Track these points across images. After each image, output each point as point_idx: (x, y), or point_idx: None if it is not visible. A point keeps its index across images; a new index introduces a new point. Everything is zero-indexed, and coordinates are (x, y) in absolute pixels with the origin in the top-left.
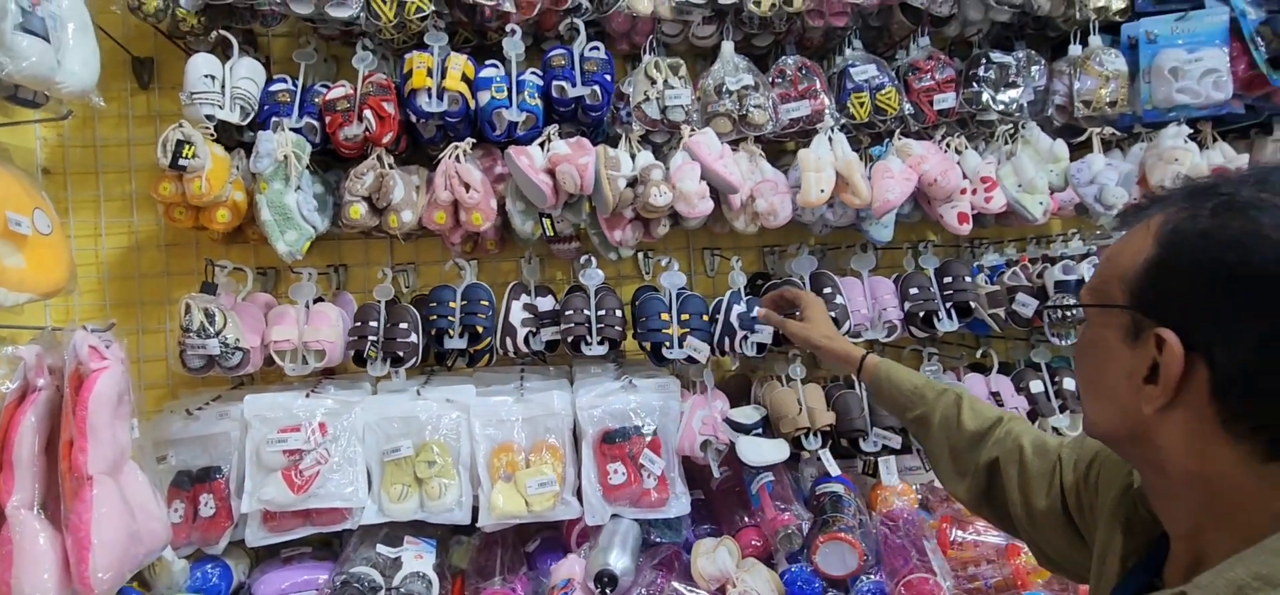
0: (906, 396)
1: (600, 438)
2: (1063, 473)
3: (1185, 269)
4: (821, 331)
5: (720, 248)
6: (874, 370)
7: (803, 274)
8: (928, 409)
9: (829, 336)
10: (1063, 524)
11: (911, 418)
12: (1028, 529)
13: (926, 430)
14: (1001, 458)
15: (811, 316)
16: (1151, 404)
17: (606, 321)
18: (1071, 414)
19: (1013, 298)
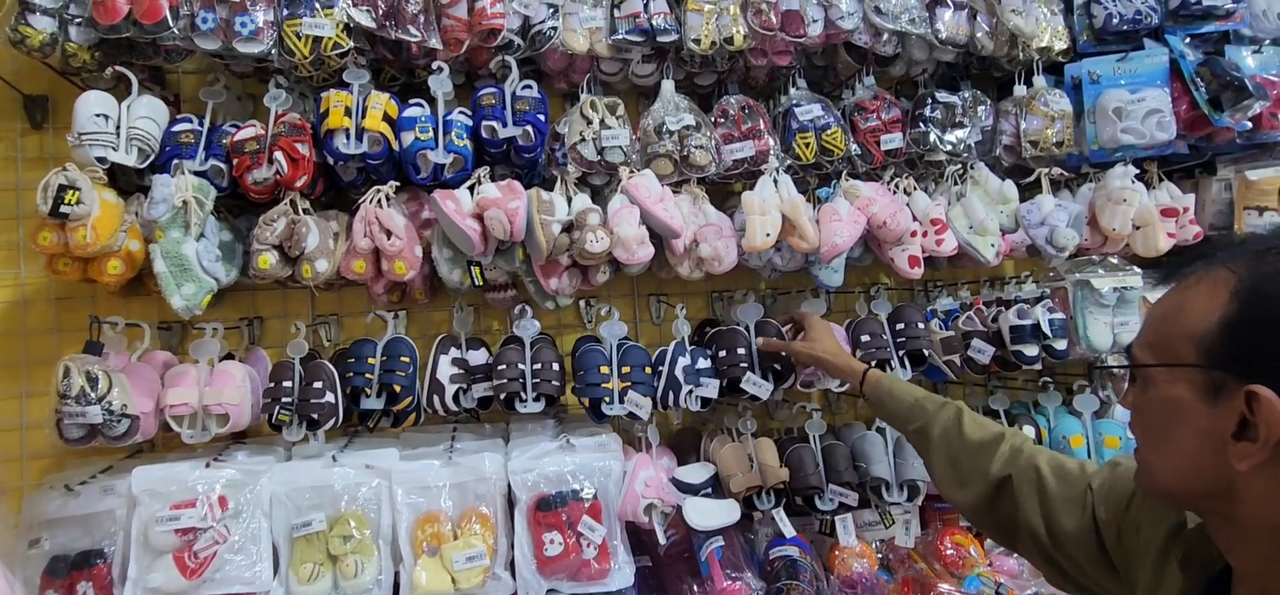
0: (908, 410)
1: (535, 504)
2: (1095, 504)
3: (1273, 325)
4: (826, 347)
5: (666, 294)
6: (876, 384)
7: (749, 322)
8: (928, 421)
9: (834, 352)
10: (1092, 550)
11: (912, 430)
12: (1047, 547)
13: (927, 441)
14: (1016, 477)
15: (815, 335)
16: (1247, 460)
17: (542, 376)
18: None
19: (968, 343)
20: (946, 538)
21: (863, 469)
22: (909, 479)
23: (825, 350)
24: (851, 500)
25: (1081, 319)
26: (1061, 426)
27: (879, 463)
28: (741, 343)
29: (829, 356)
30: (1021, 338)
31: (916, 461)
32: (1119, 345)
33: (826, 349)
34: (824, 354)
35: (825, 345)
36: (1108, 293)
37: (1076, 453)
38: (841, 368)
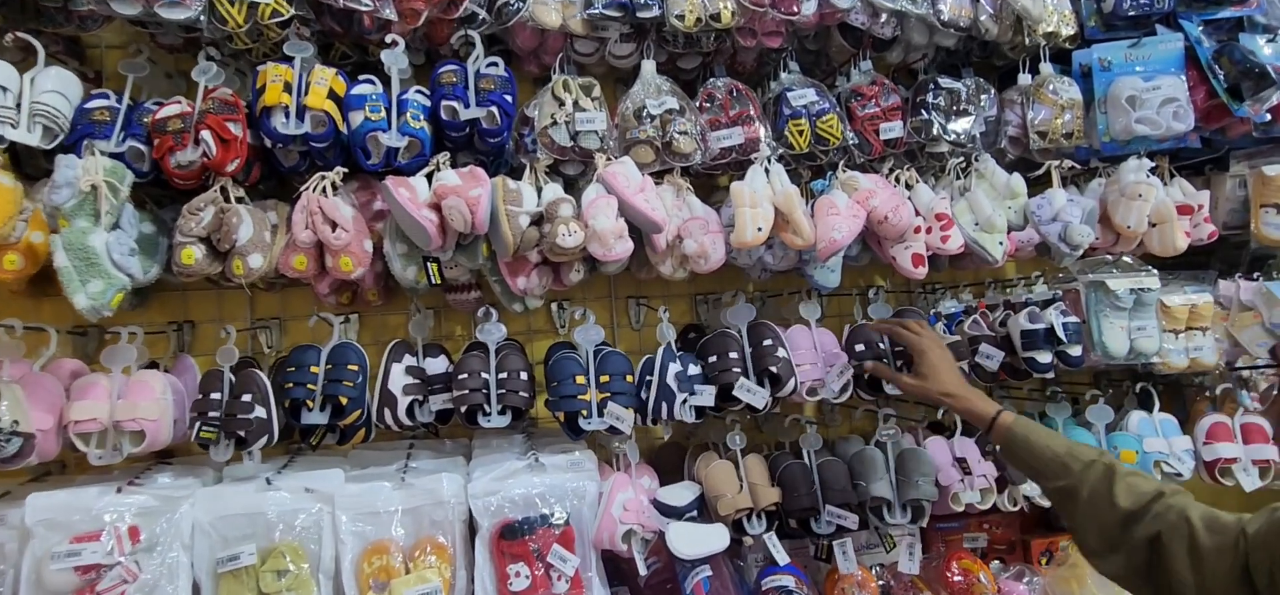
0: (1047, 465)
1: (498, 532)
2: (1249, 550)
3: None
4: (946, 382)
5: (647, 297)
6: (1008, 432)
7: (739, 325)
8: (1073, 482)
9: (954, 391)
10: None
11: (1053, 488)
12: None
13: (1072, 503)
14: (1165, 533)
15: (931, 366)
16: None
17: (509, 386)
18: None
19: (975, 349)
20: (953, 562)
21: (862, 488)
22: (912, 498)
23: (945, 387)
24: (850, 522)
25: (1095, 323)
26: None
27: (879, 481)
28: (733, 347)
29: (949, 400)
30: (1034, 343)
31: (921, 480)
32: (1136, 352)
33: (947, 384)
34: (942, 397)
35: (945, 380)
36: (1124, 295)
37: None
38: (965, 411)
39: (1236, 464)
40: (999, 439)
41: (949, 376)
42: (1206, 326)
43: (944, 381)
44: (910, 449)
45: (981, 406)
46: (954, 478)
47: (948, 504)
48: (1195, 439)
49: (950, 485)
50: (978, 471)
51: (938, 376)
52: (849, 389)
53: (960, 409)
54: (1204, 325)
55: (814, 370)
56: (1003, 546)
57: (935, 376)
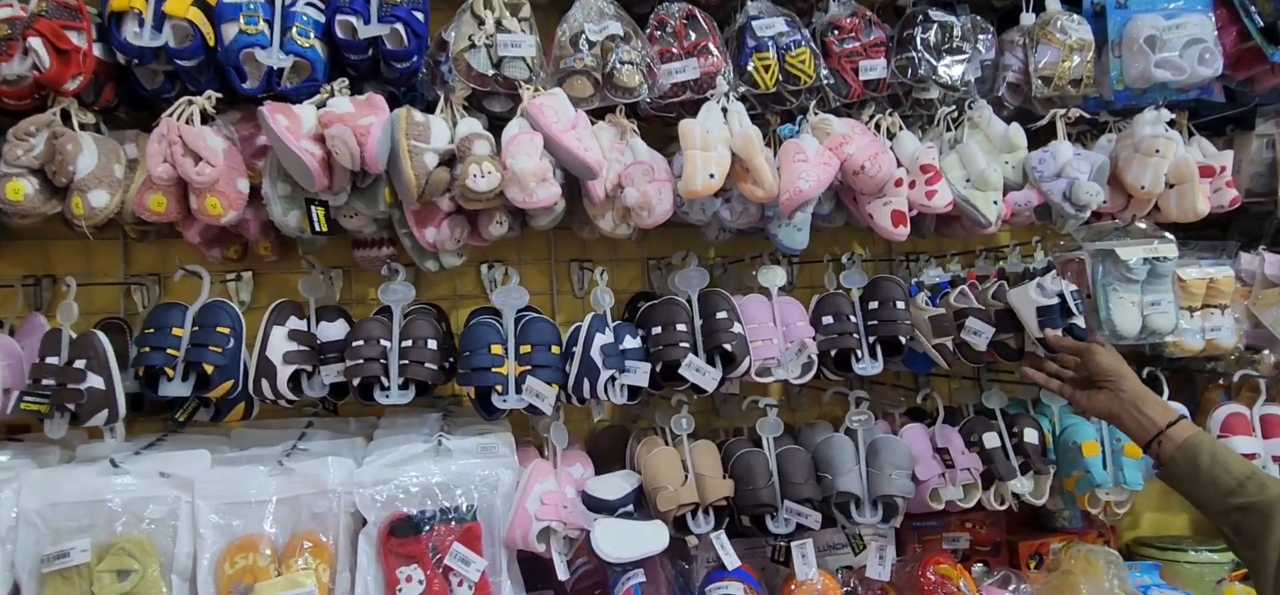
0: (1238, 481)
1: (387, 528)
2: None
3: None
4: (1131, 403)
5: (593, 261)
6: (1192, 444)
7: (691, 292)
8: (1269, 502)
9: (1138, 394)
10: None
11: (1236, 506)
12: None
13: (1264, 524)
14: None
15: (1111, 371)
16: None
17: (413, 355)
18: (1035, 475)
19: (961, 325)
20: (929, 567)
21: (827, 481)
22: (885, 494)
23: (1127, 394)
24: (812, 521)
25: (1103, 298)
26: (1071, 430)
27: (847, 474)
28: (681, 317)
29: (1134, 419)
30: (1049, 320)
31: (894, 473)
32: (1150, 331)
33: (1132, 390)
34: (1123, 407)
35: (1128, 400)
36: (1137, 265)
37: (1089, 462)
38: (1136, 426)
39: (1255, 461)
40: (1174, 451)
41: (1133, 392)
42: (1226, 304)
43: (1130, 394)
44: (884, 437)
45: (1154, 417)
46: (933, 471)
47: (925, 501)
48: (1209, 431)
49: (929, 479)
50: (961, 464)
51: (1126, 389)
52: (812, 369)
53: (1139, 419)
54: (1223, 302)
55: (772, 347)
56: (987, 548)
57: (1122, 388)
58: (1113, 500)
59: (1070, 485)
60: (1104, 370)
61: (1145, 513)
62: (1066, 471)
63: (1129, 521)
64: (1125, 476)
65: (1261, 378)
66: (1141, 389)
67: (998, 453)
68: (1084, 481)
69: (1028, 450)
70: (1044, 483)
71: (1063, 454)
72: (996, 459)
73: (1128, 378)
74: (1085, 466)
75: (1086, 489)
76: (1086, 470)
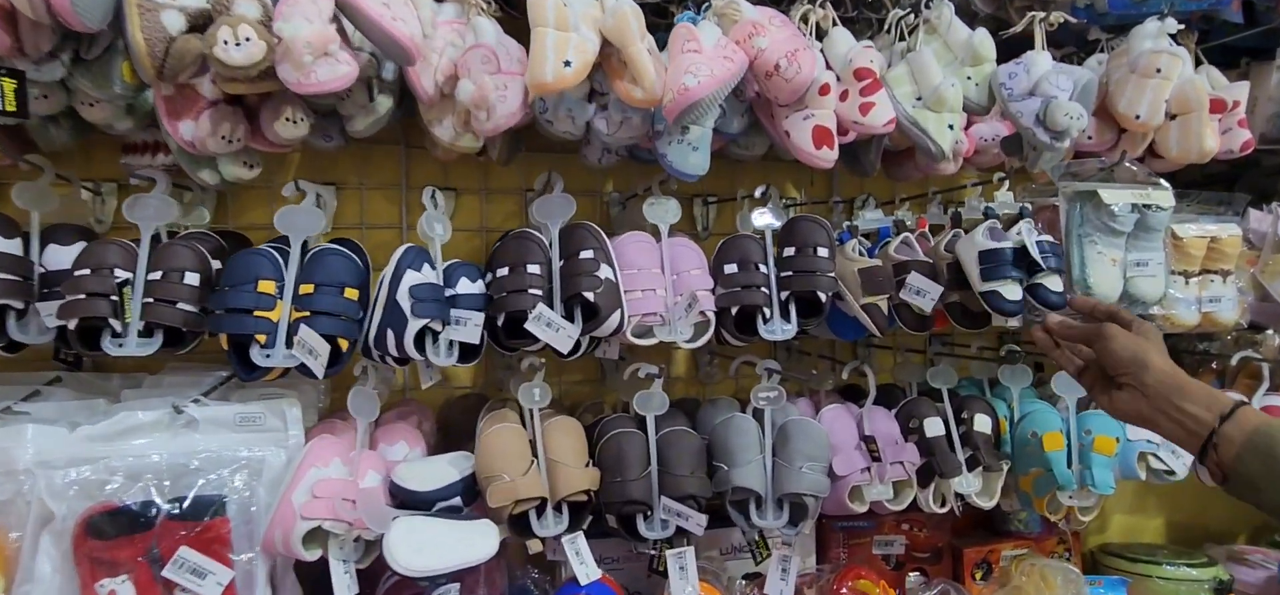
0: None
1: (83, 526)
2: None
3: None
4: (1163, 397)
5: (458, 188)
6: (1264, 433)
7: (552, 224)
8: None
9: (1174, 400)
10: None
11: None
12: None
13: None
14: None
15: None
16: None
17: (161, 292)
18: (984, 473)
19: (902, 282)
20: (844, 584)
21: (723, 473)
22: (792, 492)
23: (1155, 386)
24: (694, 524)
25: (1078, 253)
26: (1031, 418)
27: (747, 464)
28: (534, 256)
29: (1162, 411)
30: (998, 270)
31: (806, 465)
32: (1132, 298)
33: (1160, 379)
34: (1153, 406)
35: (1155, 377)
36: (1122, 212)
37: (1051, 459)
38: (1178, 429)
39: None
40: (1243, 448)
41: (1167, 378)
42: (1228, 270)
43: (1161, 351)
44: (798, 422)
45: (1212, 392)
46: (855, 464)
47: (843, 500)
48: None
49: (849, 475)
50: (891, 457)
51: (1151, 345)
52: (707, 330)
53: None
54: (1226, 268)
55: (655, 299)
56: (926, 554)
57: (1150, 341)
58: (1076, 505)
59: (1027, 485)
60: (1119, 360)
61: (1115, 515)
62: (1023, 468)
63: (1095, 525)
64: (1093, 478)
65: (1264, 363)
66: (1174, 374)
67: (940, 443)
68: (1043, 482)
69: (977, 441)
70: (995, 481)
71: (1020, 447)
72: (938, 451)
73: (1153, 364)
74: (1046, 463)
75: (1046, 491)
76: (1047, 468)
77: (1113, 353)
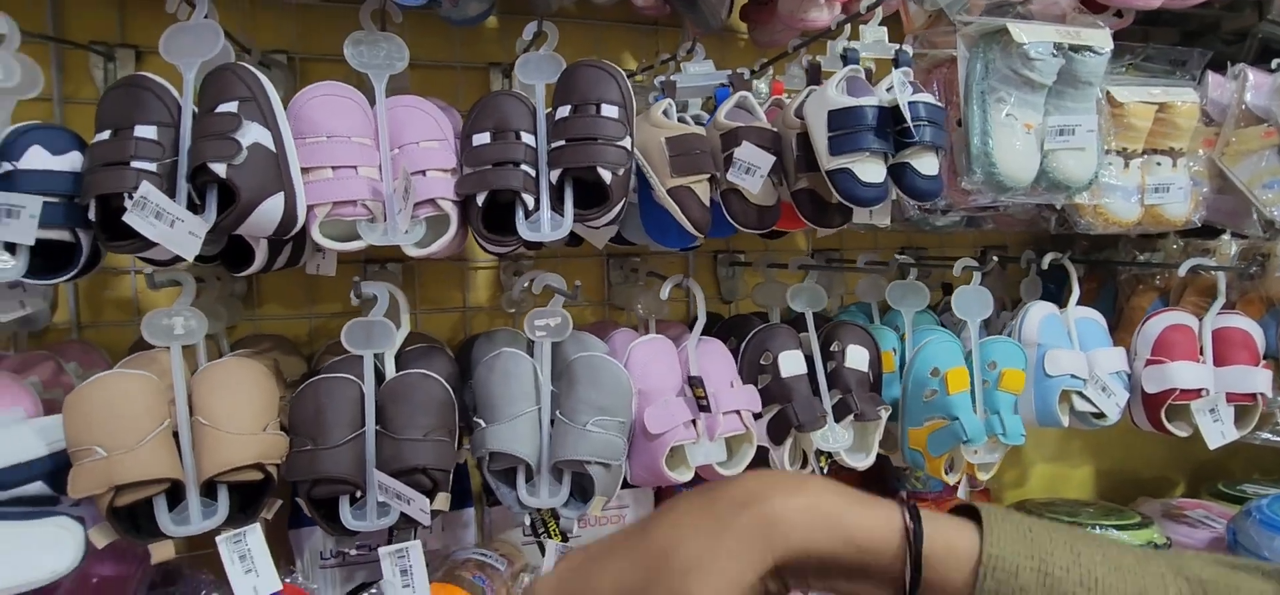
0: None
1: None
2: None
3: None
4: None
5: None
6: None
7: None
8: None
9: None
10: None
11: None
12: None
13: None
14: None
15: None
16: None
17: None
18: (856, 422)
19: (730, 158)
20: None
21: (480, 432)
22: (571, 459)
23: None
24: (417, 509)
25: (978, 118)
26: (928, 350)
27: (513, 422)
28: (153, 110)
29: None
30: (854, 139)
31: (593, 423)
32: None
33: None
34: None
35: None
36: (1042, 59)
37: (955, 404)
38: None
39: (1200, 401)
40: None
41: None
42: (1181, 150)
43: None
44: (587, 358)
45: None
46: (675, 418)
47: (658, 466)
48: (1134, 354)
49: (665, 432)
50: (724, 405)
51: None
52: (449, 231)
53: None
54: (1176, 146)
55: (357, 182)
56: None
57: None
58: (979, 463)
59: (919, 440)
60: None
61: (1036, 465)
62: (917, 418)
63: (1013, 477)
64: (1003, 424)
65: (1220, 272)
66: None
67: (799, 384)
68: (944, 435)
69: (849, 380)
70: (871, 433)
71: (913, 390)
72: (796, 395)
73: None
74: (949, 410)
75: (948, 445)
76: (951, 415)
77: None
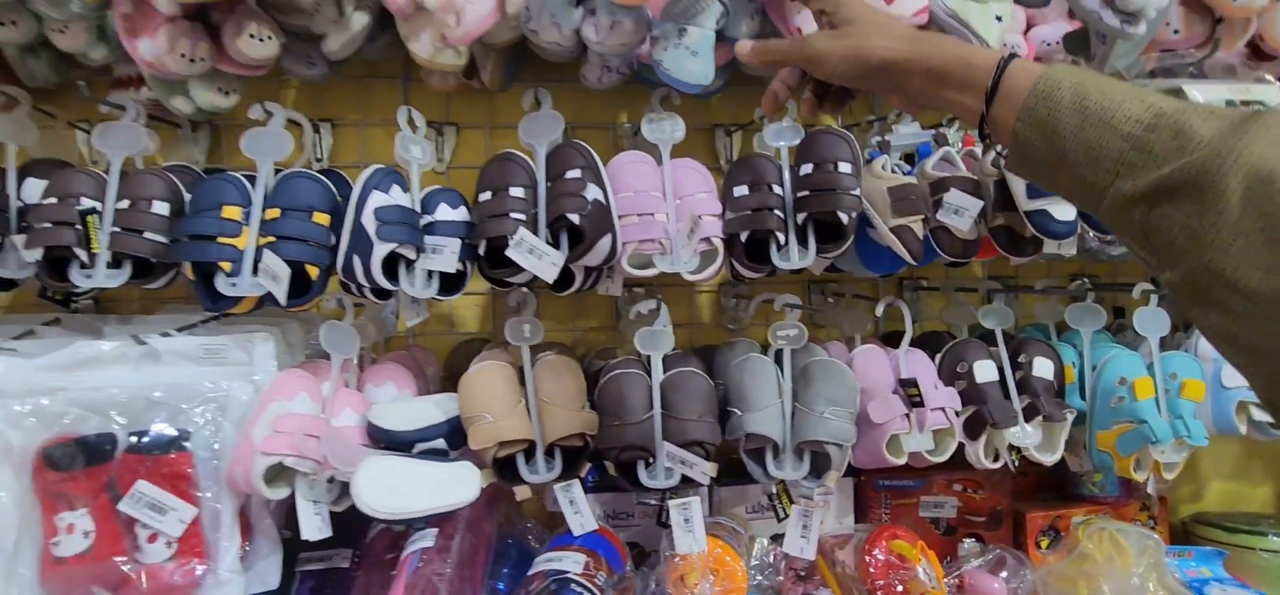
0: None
1: (41, 457)
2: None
3: None
4: (883, 40)
5: (459, 123)
6: (1048, 92)
7: (537, 145)
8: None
9: (900, 43)
10: None
11: (1133, 191)
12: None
13: (1194, 212)
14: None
15: (849, 17)
16: None
17: (128, 221)
18: (1045, 423)
19: (939, 201)
20: (878, 545)
21: (735, 419)
22: (812, 440)
23: (890, 39)
24: (699, 473)
25: None
26: (1115, 363)
27: (763, 410)
28: (519, 178)
29: (899, 58)
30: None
31: (830, 411)
32: None
33: (892, 35)
34: (887, 50)
35: (888, 31)
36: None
37: (1143, 409)
38: (936, 70)
39: None
40: (1024, 108)
41: (895, 31)
42: None
43: (887, 35)
44: (822, 361)
45: (973, 57)
46: (893, 411)
47: (880, 451)
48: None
49: (886, 422)
50: (933, 402)
51: (870, 30)
52: (716, 260)
53: (928, 68)
54: None
55: (654, 224)
56: (982, 518)
57: (865, 30)
58: (1164, 462)
59: (1108, 442)
60: (842, 73)
61: (1212, 481)
62: (1105, 422)
63: (1190, 492)
64: (1188, 428)
65: None
66: (916, 54)
67: (992, 390)
68: (1133, 437)
69: (1037, 387)
70: (1058, 433)
71: (1102, 398)
72: (990, 398)
73: (887, 58)
74: (1137, 414)
75: (1137, 446)
76: (1139, 420)
77: (828, 68)
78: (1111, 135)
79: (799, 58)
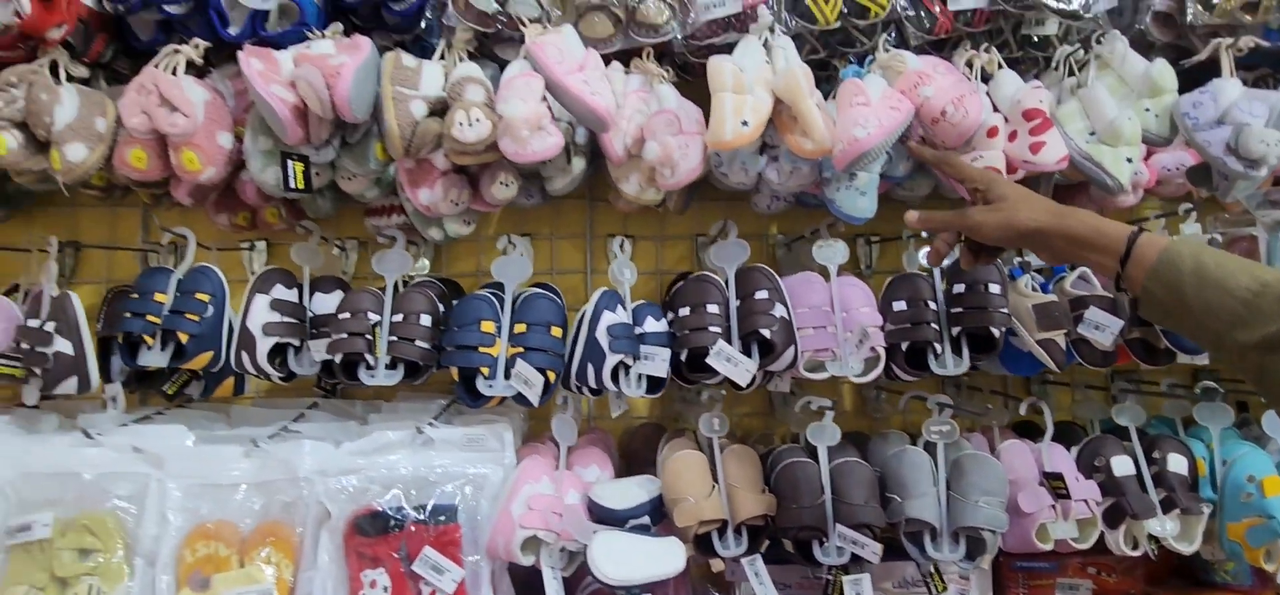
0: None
1: (351, 525)
2: None
3: None
4: (1030, 213)
5: (636, 235)
6: (1169, 256)
7: (728, 268)
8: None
9: (1046, 222)
10: None
11: (1246, 342)
12: None
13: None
14: None
15: (1001, 195)
16: None
17: (403, 331)
18: (1181, 515)
19: (1079, 317)
20: None
21: (895, 504)
22: (968, 526)
23: (1030, 218)
24: (870, 552)
25: None
26: (1244, 461)
27: (921, 497)
28: (713, 297)
29: (1038, 224)
30: None
31: (983, 499)
32: None
33: (1037, 212)
34: (1033, 223)
35: (1026, 210)
36: None
37: (1272, 505)
38: (1076, 235)
39: None
40: (1152, 270)
41: (1033, 201)
42: None
43: (1027, 207)
44: (974, 456)
45: (1106, 228)
46: (1040, 502)
47: (1030, 538)
48: None
49: (1034, 512)
50: (1077, 494)
51: (1019, 204)
52: (878, 365)
53: (1073, 228)
54: None
55: (826, 336)
56: None
57: (1015, 205)
58: None
59: (1238, 534)
60: (999, 238)
61: None
62: (1235, 515)
63: None
64: None
65: None
66: (1062, 226)
67: (1130, 483)
68: (1262, 531)
69: (1172, 482)
70: (1195, 525)
71: (1232, 493)
72: (1129, 490)
73: (1033, 228)
74: (1266, 510)
75: (1267, 540)
76: (1269, 515)
77: (984, 234)
78: (1227, 297)
79: (959, 227)
